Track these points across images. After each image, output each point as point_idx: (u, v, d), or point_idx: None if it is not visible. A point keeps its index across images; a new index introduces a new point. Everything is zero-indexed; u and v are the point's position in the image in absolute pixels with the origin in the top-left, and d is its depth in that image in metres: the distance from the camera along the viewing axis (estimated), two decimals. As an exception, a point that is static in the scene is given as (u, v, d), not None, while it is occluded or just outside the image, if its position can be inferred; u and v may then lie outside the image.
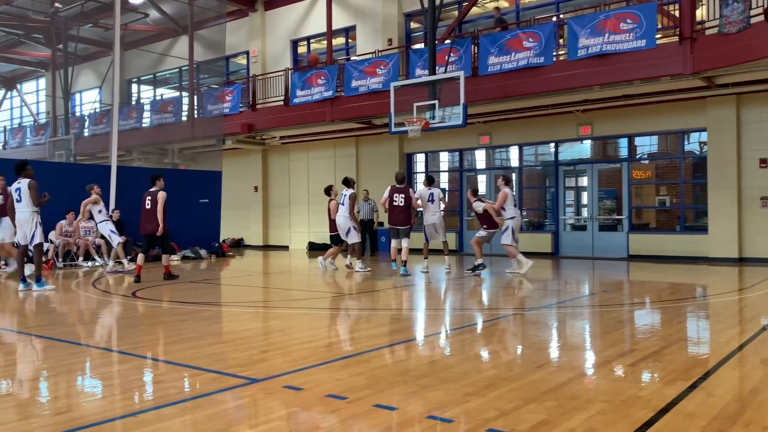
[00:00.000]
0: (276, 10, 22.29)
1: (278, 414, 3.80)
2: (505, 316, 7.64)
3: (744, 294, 9.23)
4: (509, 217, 11.95)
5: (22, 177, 10.00)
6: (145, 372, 4.90)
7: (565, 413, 3.66)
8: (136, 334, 6.48)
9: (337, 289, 10.64)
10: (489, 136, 18.14)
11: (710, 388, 4.19)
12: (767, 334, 6.05)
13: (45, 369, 5.06)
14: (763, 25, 11.38)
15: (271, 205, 23.29)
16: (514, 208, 12.07)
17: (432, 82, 14.43)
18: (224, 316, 7.95)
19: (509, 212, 11.96)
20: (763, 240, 14.19)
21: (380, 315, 7.96)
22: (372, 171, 20.28)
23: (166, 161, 23.67)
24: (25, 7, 24.46)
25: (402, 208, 12.22)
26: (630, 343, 5.78)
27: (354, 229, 12.87)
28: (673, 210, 16.32)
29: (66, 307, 8.77)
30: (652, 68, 12.94)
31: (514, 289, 10.20)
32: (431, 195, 12.48)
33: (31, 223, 9.94)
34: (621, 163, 16.58)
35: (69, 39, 24.76)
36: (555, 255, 16.92)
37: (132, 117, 24.56)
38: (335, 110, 17.95)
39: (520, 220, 12.32)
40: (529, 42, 14.35)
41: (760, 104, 14.23)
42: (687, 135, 15.73)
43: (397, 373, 4.62)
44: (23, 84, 33.41)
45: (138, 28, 25.19)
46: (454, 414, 3.68)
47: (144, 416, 3.70)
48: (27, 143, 29.01)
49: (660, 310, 8.04)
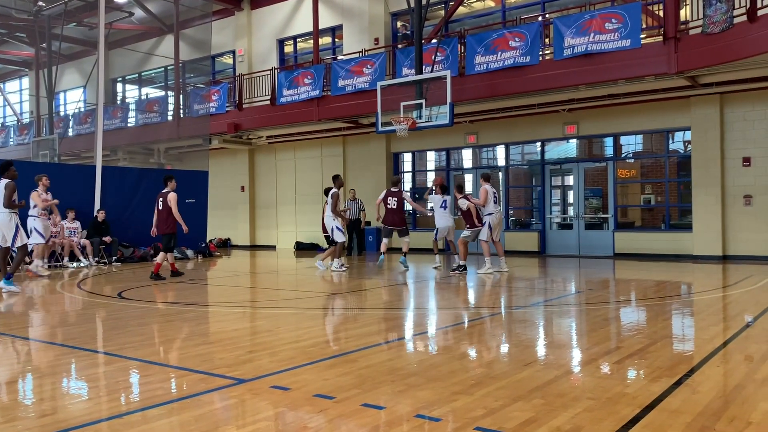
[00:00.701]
0: (262, 9, 22.21)
1: (266, 414, 3.80)
2: (491, 315, 7.67)
3: (728, 291, 9.33)
4: (487, 213, 12.09)
5: (3, 177, 9.90)
6: (132, 373, 4.87)
7: (551, 411, 3.68)
8: (122, 335, 6.44)
9: (325, 289, 10.63)
10: (476, 136, 18.20)
11: (695, 384, 4.23)
12: (750, 331, 6.12)
13: (29, 371, 5.01)
14: (746, 25, 11.51)
15: (258, 204, 23.21)
16: (494, 205, 12.16)
17: (419, 82, 14.45)
18: (211, 317, 7.91)
19: (488, 208, 12.08)
20: (746, 238, 14.35)
21: (367, 314, 7.96)
22: (359, 171, 20.28)
23: (152, 161, 23.53)
24: (8, 6, 24.20)
25: (395, 210, 13.03)
26: (616, 341, 5.83)
27: (338, 228, 12.90)
28: (658, 208, 16.46)
29: (51, 308, 8.69)
30: (637, 68, 13.04)
31: (501, 288, 10.24)
32: (444, 202, 13.13)
33: (10, 224, 9.81)
34: (606, 162, 16.70)
35: (53, 38, 24.50)
36: (541, 254, 17.01)
37: (117, 116, 24.38)
38: (322, 110, 17.92)
39: (499, 217, 12.36)
40: (516, 41, 14.41)
41: (743, 103, 14.39)
42: (671, 134, 15.87)
43: (384, 373, 4.62)
44: (6, 83, 33.05)
45: (123, 27, 24.99)
46: (442, 413, 3.70)
47: (130, 418, 3.68)
48: (10, 143, 28.71)
49: (645, 307, 8.11)
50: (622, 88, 14.40)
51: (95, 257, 15.37)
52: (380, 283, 11.23)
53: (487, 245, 12.11)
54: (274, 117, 19.16)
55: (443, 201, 13.12)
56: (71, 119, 26.39)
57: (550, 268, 13.73)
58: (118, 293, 9.77)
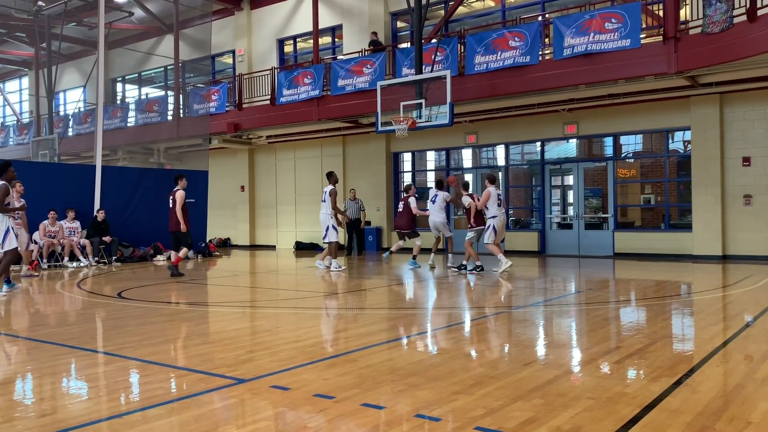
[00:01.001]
0: (262, 9, 22.21)
1: (265, 414, 3.79)
2: (492, 315, 7.67)
3: (727, 291, 9.33)
4: (491, 216, 11.94)
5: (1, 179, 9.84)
6: (132, 373, 4.87)
7: (551, 410, 3.68)
8: (122, 334, 6.44)
9: (324, 289, 10.62)
10: (475, 135, 18.20)
11: (695, 384, 4.23)
12: (750, 331, 6.12)
13: (29, 371, 5.01)
14: (745, 25, 11.50)
15: (257, 204, 23.21)
16: (497, 208, 11.95)
17: (418, 82, 14.44)
18: (211, 316, 7.91)
19: (492, 211, 11.95)
20: (746, 237, 14.35)
21: (367, 314, 7.96)
22: (359, 170, 20.28)
23: (152, 161, 23.51)
24: (8, 6, 24.18)
25: (401, 213, 13.55)
26: (616, 341, 5.83)
27: (333, 227, 12.88)
28: (657, 208, 16.46)
29: (51, 308, 8.69)
30: (637, 67, 13.04)
31: (501, 288, 10.24)
32: (435, 197, 13.14)
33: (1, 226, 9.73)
34: (606, 162, 16.69)
35: (53, 37, 24.48)
36: (541, 253, 17.01)
37: (117, 116, 24.37)
38: (322, 109, 17.92)
39: (503, 220, 12.21)
40: (515, 41, 14.41)
41: (743, 103, 14.39)
42: (671, 134, 15.87)
43: (384, 372, 4.62)
44: (6, 83, 33.04)
45: (123, 26, 24.98)
46: (442, 412, 3.69)
47: (130, 417, 3.68)
48: (10, 143, 28.69)
49: (645, 307, 8.11)
50: (622, 88, 14.40)
51: (95, 257, 15.37)
52: (380, 282, 11.22)
53: (494, 247, 11.94)
54: (274, 117, 19.15)
55: (434, 196, 13.13)
56: (71, 119, 26.37)
57: (550, 267, 13.73)
58: (118, 293, 9.76)
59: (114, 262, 15.68)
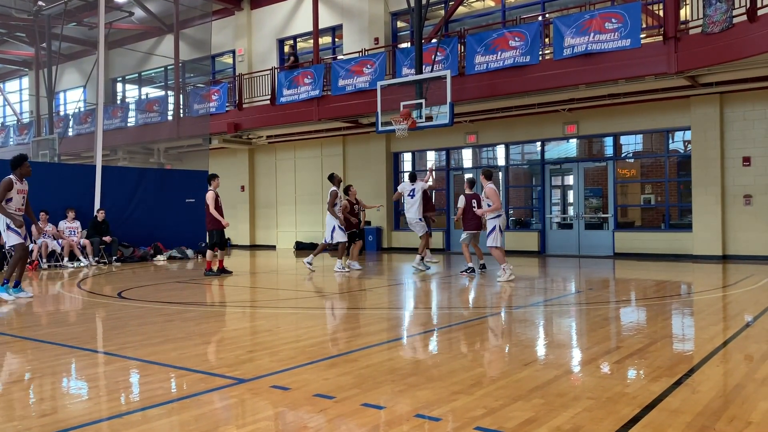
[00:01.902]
0: (262, 9, 22.21)
1: (266, 414, 3.79)
2: (491, 315, 7.66)
3: (727, 291, 9.33)
4: (495, 216, 10.92)
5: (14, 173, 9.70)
6: (132, 373, 4.87)
7: (551, 410, 3.68)
8: (122, 334, 6.44)
9: (324, 289, 10.62)
10: (476, 135, 18.20)
11: (695, 384, 4.23)
12: (750, 331, 6.12)
13: (29, 371, 5.01)
14: (746, 25, 11.51)
15: (257, 204, 23.21)
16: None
17: (419, 81, 14.45)
18: (211, 316, 7.91)
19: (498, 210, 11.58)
20: (746, 237, 14.35)
21: (367, 314, 7.96)
22: (359, 170, 20.28)
23: (152, 161, 23.51)
24: (8, 6, 24.19)
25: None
26: (616, 341, 5.83)
27: (339, 228, 12.84)
28: (657, 208, 16.46)
29: (51, 308, 8.69)
30: (637, 67, 13.04)
31: (501, 288, 10.23)
32: (412, 191, 12.71)
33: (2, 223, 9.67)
34: (606, 162, 16.69)
35: (53, 37, 24.50)
36: (541, 253, 17.01)
37: (117, 116, 24.37)
38: (322, 109, 17.92)
39: (505, 219, 11.53)
40: (515, 41, 14.41)
41: (743, 103, 14.39)
42: (671, 134, 15.87)
43: (384, 372, 4.62)
44: (6, 83, 33.04)
45: (123, 26, 24.99)
46: (442, 412, 3.69)
47: (130, 417, 3.68)
48: (10, 143, 28.69)
49: (645, 307, 8.11)
50: (622, 88, 14.40)
51: (95, 257, 15.37)
52: (380, 282, 11.22)
53: (499, 254, 10.80)
54: (274, 117, 19.16)
55: (411, 189, 12.60)
56: (71, 119, 26.38)
57: (550, 267, 13.73)
58: (118, 293, 9.76)
59: (114, 262, 15.68)
